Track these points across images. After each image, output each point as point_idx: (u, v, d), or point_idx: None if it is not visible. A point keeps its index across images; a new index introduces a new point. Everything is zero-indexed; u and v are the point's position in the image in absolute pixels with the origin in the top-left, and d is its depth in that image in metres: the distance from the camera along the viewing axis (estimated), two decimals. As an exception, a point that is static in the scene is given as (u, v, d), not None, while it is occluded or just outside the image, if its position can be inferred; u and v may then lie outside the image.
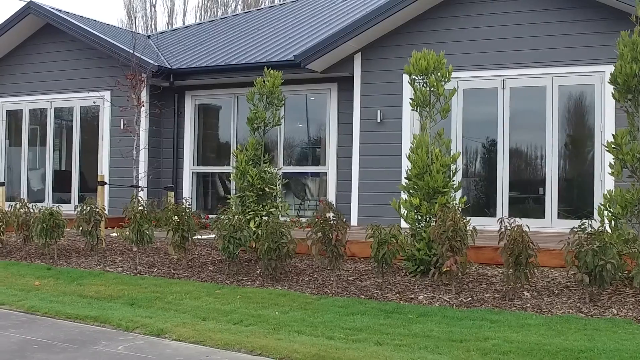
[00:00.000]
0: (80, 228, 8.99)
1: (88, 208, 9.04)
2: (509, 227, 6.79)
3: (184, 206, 8.74)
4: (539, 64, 11.32)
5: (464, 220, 7.07)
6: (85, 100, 14.95)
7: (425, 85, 7.97)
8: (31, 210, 9.70)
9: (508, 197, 11.56)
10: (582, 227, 6.70)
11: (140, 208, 8.90)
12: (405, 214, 7.96)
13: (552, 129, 11.32)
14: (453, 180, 8.09)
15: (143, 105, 12.83)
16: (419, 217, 7.90)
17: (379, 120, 12.33)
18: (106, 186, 11.35)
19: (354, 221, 12.17)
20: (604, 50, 10.90)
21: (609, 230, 7.20)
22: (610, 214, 7.33)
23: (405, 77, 12.11)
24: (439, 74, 7.92)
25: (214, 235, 11.03)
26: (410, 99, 8.15)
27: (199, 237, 9.11)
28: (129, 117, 13.85)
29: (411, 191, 8.02)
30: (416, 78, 8.05)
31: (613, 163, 7.73)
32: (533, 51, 11.35)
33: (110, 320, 6.44)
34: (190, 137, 14.64)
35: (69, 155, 15.34)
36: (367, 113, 12.45)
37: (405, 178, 8.14)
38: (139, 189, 12.01)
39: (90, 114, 15.14)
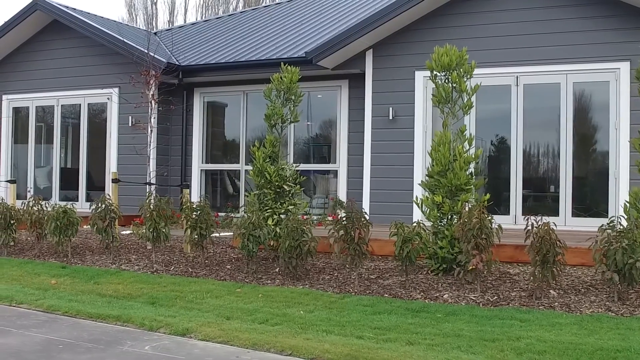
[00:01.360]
0: (96, 226, 8.88)
1: (103, 206, 8.93)
2: (535, 225, 6.70)
3: (201, 204, 8.64)
4: (553, 61, 11.25)
5: (489, 218, 6.98)
6: (93, 97, 14.84)
7: (447, 81, 7.87)
8: (44, 208, 9.58)
9: (522, 195, 11.49)
10: (611, 225, 6.62)
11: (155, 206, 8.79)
12: (427, 212, 7.87)
13: (566, 127, 11.24)
14: (474, 178, 8.01)
15: (157, 102, 12.74)
16: (441, 215, 7.81)
17: (390, 117, 12.24)
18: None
19: (365, 219, 12.07)
20: (619, 47, 10.84)
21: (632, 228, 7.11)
22: (636, 212, 7.24)
23: (418, 74, 12.11)
24: (461, 70, 7.83)
25: (226, 233, 10.97)
26: (433, 95, 8.06)
27: (217, 235, 9.01)
28: (137, 115, 13.76)
29: (432, 188, 7.93)
30: (438, 74, 7.96)
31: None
32: (547, 48, 11.27)
33: (133, 319, 6.33)
34: (199, 134, 14.54)
35: (75, 153, 15.23)
36: (379, 110, 12.37)
37: (427, 175, 8.05)
38: (154, 186, 11.92)
39: (98, 111, 15.03)
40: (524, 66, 11.45)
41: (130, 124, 14.13)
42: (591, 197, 11.38)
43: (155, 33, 17.84)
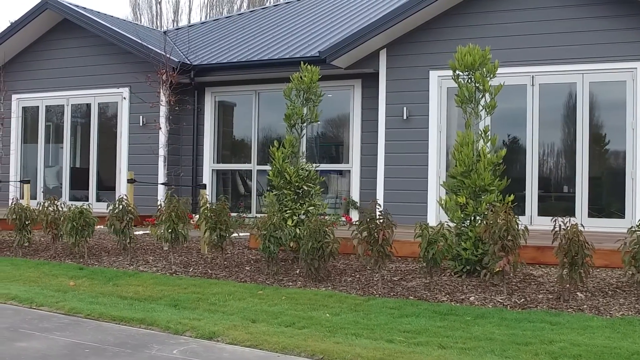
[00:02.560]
0: (113, 227, 8.81)
1: (120, 206, 8.85)
2: (563, 227, 6.62)
3: (220, 204, 8.56)
4: (569, 61, 11.18)
5: (515, 219, 6.90)
6: (103, 97, 14.77)
7: (470, 81, 7.80)
8: (60, 209, 9.51)
9: (537, 195, 11.42)
10: (641, 226, 6.54)
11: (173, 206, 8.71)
12: (450, 213, 7.79)
13: (582, 126, 11.17)
14: (497, 178, 7.93)
15: (172, 102, 12.67)
16: (464, 216, 7.73)
17: (404, 117, 12.17)
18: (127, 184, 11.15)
19: (380, 219, 11.99)
20: (635, 46, 10.77)
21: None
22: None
23: (432, 74, 12.04)
24: (484, 69, 7.76)
25: (242, 234, 10.89)
26: (455, 95, 7.99)
27: (236, 235, 8.93)
28: (148, 114, 13.69)
29: (455, 189, 7.85)
30: (460, 74, 7.88)
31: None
32: (562, 47, 11.20)
33: (158, 322, 6.25)
34: (210, 134, 14.47)
35: (85, 153, 15.15)
36: (393, 110, 12.30)
37: (449, 176, 7.98)
38: (170, 186, 11.85)
39: (109, 110, 14.95)
40: (539, 66, 11.39)
41: (141, 124, 14.06)
42: (607, 197, 11.31)
43: (165, 32, 17.77)
